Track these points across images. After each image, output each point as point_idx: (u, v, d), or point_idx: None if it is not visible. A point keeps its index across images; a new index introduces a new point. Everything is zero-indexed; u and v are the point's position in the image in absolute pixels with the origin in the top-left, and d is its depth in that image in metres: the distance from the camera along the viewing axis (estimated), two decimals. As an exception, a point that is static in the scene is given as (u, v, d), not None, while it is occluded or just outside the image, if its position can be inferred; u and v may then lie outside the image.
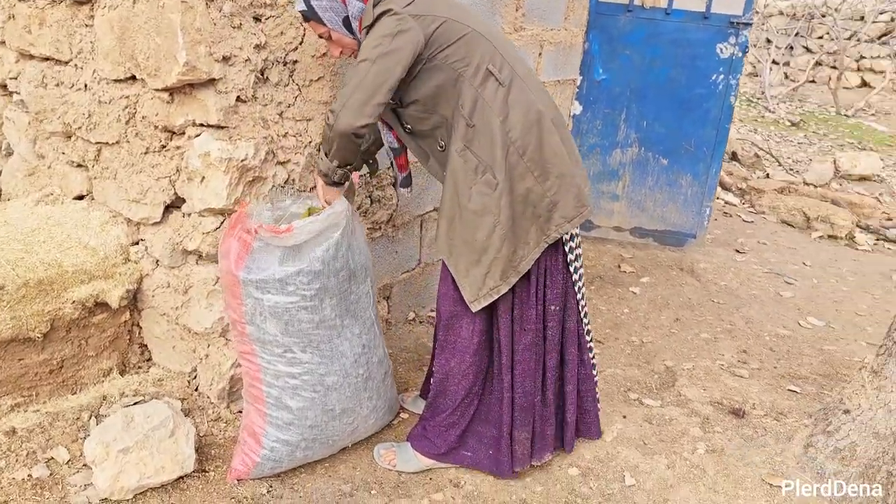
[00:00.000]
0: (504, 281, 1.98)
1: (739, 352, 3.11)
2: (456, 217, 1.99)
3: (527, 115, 1.94)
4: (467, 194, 1.94)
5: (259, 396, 2.08)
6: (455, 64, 1.90)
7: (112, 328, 2.47)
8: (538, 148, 1.94)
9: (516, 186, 1.93)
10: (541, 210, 1.97)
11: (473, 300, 2.00)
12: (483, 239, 1.95)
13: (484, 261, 1.96)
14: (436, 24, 1.88)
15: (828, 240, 5.02)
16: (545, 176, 1.96)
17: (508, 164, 1.92)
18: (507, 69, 1.95)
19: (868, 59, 11.63)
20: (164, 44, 2.04)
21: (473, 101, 1.91)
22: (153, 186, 2.32)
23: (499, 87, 1.92)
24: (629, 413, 2.53)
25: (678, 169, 4.16)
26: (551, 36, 3.46)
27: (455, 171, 1.96)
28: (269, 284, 1.96)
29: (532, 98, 1.97)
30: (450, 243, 2.02)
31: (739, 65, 3.94)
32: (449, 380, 2.15)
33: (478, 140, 1.93)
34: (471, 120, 1.92)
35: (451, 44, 1.89)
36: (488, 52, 1.93)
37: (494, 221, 1.93)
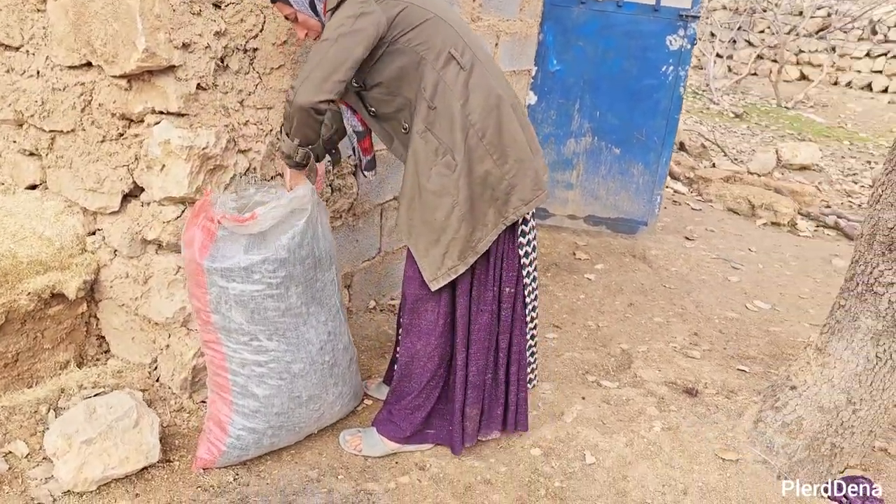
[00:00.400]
0: (462, 261, 2.03)
1: (691, 334, 3.22)
2: (416, 198, 2.02)
3: (487, 99, 1.98)
4: (427, 175, 1.98)
5: (224, 385, 2.08)
6: (417, 47, 1.94)
7: (69, 320, 2.42)
8: (497, 132, 1.99)
9: (475, 168, 1.98)
10: (499, 193, 2.02)
11: (432, 279, 2.04)
12: (442, 219, 1.99)
13: (443, 240, 2.00)
14: (398, 7, 1.92)
15: (771, 226, 5.21)
16: (504, 159, 2.01)
17: (468, 146, 1.96)
18: (469, 54, 1.99)
19: (807, 52, 12.01)
20: (123, 30, 2.01)
21: (435, 84, 1.95)
22: (111, 175, 2.29)
23: (460, 71, 1.96)
24: (588, 395, 2.61)
25: (630, 158, 4.27)
26: (507, 26, 3.51)
27: (416, 153, 2.00)
28: (234, 273, 1.96)
29: (492, 83, 2.02)
30: (409, 224, 2.06)
31: (688, 57, 4.05)
32: (414, 363, 2.18)
33: (439, 122, 1.97)
34: (432, 102, 1.96)
35: (413, 27, 1.93)
36: (450, 36, 1.97)
37: (453, 202, 1.97)
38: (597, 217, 4.41)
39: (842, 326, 2.23)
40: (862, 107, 10.90)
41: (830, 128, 9.90)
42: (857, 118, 10.48)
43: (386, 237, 3.17)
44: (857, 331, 2.19)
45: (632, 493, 2.14)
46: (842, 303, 2.25)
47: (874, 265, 2.13)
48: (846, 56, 11.71)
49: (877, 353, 2.16)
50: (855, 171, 7.70)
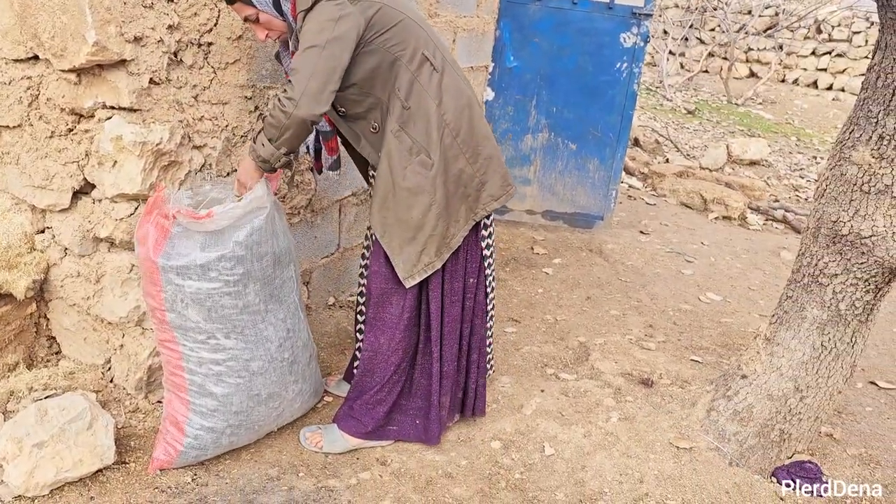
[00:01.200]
0: (438, 257, 2.08)
1: (646, 326, 3.29)
2: (389, 196, 2.04)
3: (458, 99, 2.05)
4: (402, 174, 2.01)
5: (181, 384, 2.05)
6: (392, 48, 1.97)
7: (17, 320, 2.36)
8: (469, 130, 2.07)
9: (450, 167, 2.04)
10: (471, 190, 2.10)
11: (407, 276, 2.07)
12: (418, 217, 2.03)
13: (419, 238, 2.04)
14: (373, 9, 1.93)
15: (723, 220, 5.34)
16: (475, 157, 2.09)
17: (443, 145, 2.02)
18: (440, 56, 2.05)
19: (755, 51, 12.32)
20: (71, 22, 1.96)
21: (410, 84, 1.99)
22: (60, 172, 2.23)
23: (433, 72, 2.01)
24: (546, 387, 2.64)
25: (586, 154, 4.32)
26: (465, 23, 3.52)
27: (390, 152, 2.03)
28: (190, 270, 1.93)
29: (462, 84, 2.10)
30: (383, 221, 2.07)
31: (641, 54, 4.12)
32: (378, 357, 2.19)
33: (413, 122, 2.01)
34: (406, 102, 2.00)
35: (388, 28, 1.96)
36: (423, 38, 2.02)
37: (430, 200, 2.02)
38: (554, 212, 4.46)
39: (789, 317, 2.30)
40: (808, 104, 11.23)
41: (778, 124, 10.17)
42: (804, 115, 10.79)
43: (345, 233, 3.16)
44: (803, 321, 2.26)
45: (590, 482, 2.18)
46: (789, 294, 2.32)
47: (819, 257, 2.20)
48: (793, 54, 12.05)
49: (822, 342, 2.23)
50: (802, 166, 7.93)
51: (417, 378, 2.25)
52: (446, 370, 2.23)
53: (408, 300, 2.13)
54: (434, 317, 2.16)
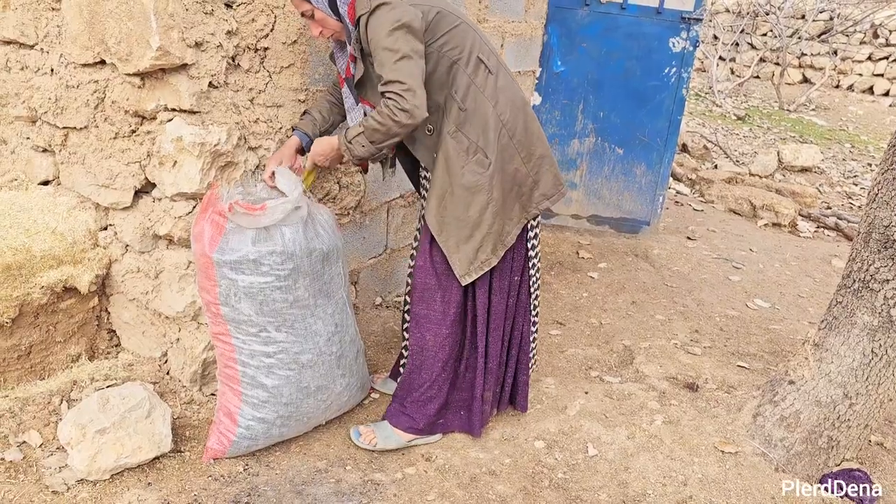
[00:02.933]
0: (494, 254, 2.13)
1: (692, 331, 3.26)
2: (447, 194, 2.08)
3: (514, 100, 2.11)
4: (459, 173, 2.06)
5: (234, 376, 2.12)
6: (450, 52, 2.03)
7: (80, 314, 2.47)
8: (524, 131, 2.12)
9: (506, 166, 2.09)
10: (525, 189, 2.14)
11: (464, 273, 2.11)
12: (476, 215, 2.07)
13: (476, 236, 2.08)
14: (432, 13, 2.00)
15: (772, 227, 5.25)
16: (529, 157, 2.14)
17: (500, 145, 2.07)
18: (494, 58, 2.11)
19: (809, 56, 12.06)
20: (136, 28, 2.06)
21: (467, 87, 2.05)
22: (123, 171, 2.33)
23: (489, 75, 2.07)
24: (590, 389, 2.65)
25: (633, 158, 4.31)
26: (513, 28, 3.55)
27: (447, 152, 2.07)
28: (243, 265, 2.00)
29: (516, 86, 2.15)
30: (440, 220, 2.11)
31: (691, 59, 4.09)
32: (425, 353, 2.23)
33: (469, 123, 2.05)
34: (463, 104, 2.05)
35: (445, 32, 2.02)
36: (477, 41, 2.08)
37: (488, 199, 2.07)
38: (600, 217, 4.45)
39: (839, 322, 2.27)
40: (863, 110, 10.94)
41: (832, 130, 9.94)
42: (859, 121, 10.51)
43: (392, 235, 3.22)
44: (853, 326, 2.23)
45: (633, 484, 2.18)
46: (839, 299, 2.29)
47: (870, 262, 2.17)
48: (848, 59, 11.75)
49: (873, 349, 2.19)
50: (855, 173, 7.73)
51: (462, 372, 2.29)
52: (490, 366, 2.27)
53: (453, 295, 2.17)
54: (480, 313, 2.20)
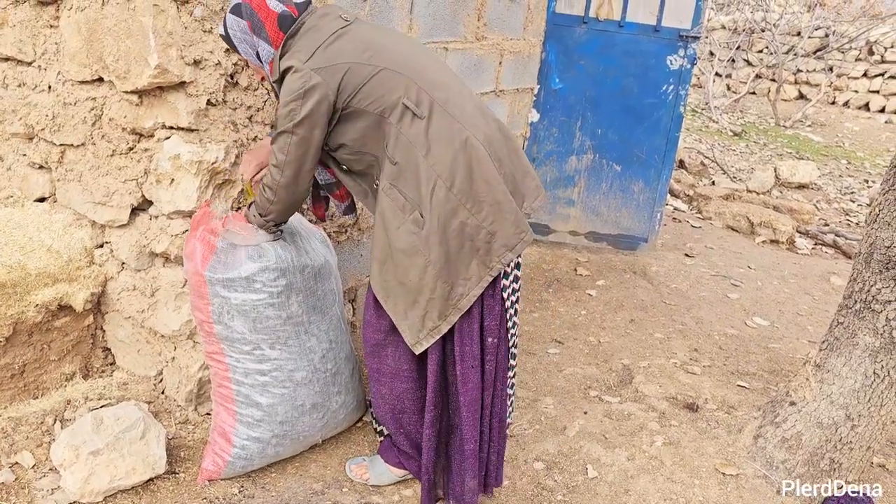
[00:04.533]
0: (444, 320, 1.89)
1: (691, 350, 3.25)
2: (388, 258, 1.91)
3: (450, 144, 1.84)
4: (396, 235, 1.87)
5: (228, 395, 2.10)
6: (370, 106, 1.84)
7: (75, 332, 2.45)
8: (467, 177, 1.84)
9: (449, 222, 1.83)
10: (479, 243, 1.86)
11: (415, 342, 1.91)
12: (416, 280, 1.86)
13: (420, 301, 1.87)
14: (340, 72, 1.81)
15: (770, 244, 5.25)
16: (478, 206, 1.85)
17: (436, 199, 1.82)
18: (426, 99, 1.85)
19: (804, 72, 12.12)
20: (135, 46, 2.05)
21: (395, 138, 1.85)
22: (120, 189, 2.32)
23: (417, 121, 1.84)
24: (590, 409, 2.62)
25: (631, 175, 4.31)
26: (511, 45, 3.56)
27: (383, 212, 1.89)
28: (235, 283, 1.99)
29: (456, 125, 1.86)
30: (385, 286, 1.93)
31: (688, 76, 4.10)
32: (386, 405, 2.10)
33: (403, 177, 1.86)
34: (394, 158, 1.86)
35: (360, 88, 1.83)
36: (402, 85, 1.84)
37: (426, 261, 1.85)
38: (598, 233, 4.45)
39: (840, 343, 2.25)
40: (859, 126, 10.99)
41: (828, 147, 9.97)
42: (855, 137, 10.56)
43: (389, 252, 3.20)
44: (855, 347, 2.21)
45: (633, 507, 2.16)
46: (840, 320, 2.28)
47: (871, 283, 2.16)
48: (844, 76, 11.82)
49: (874, 370, 2.18)
50: (852, 189, 7.75)
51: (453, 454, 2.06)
52: (470, 449, 2.00)
53: (401, 351, 2.00)
54: (456, 388, 1.98)
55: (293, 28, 1.86)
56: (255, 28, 1.85)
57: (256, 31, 1.85)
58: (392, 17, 2.73)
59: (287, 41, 1.86)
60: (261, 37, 1.86)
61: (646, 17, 4.03)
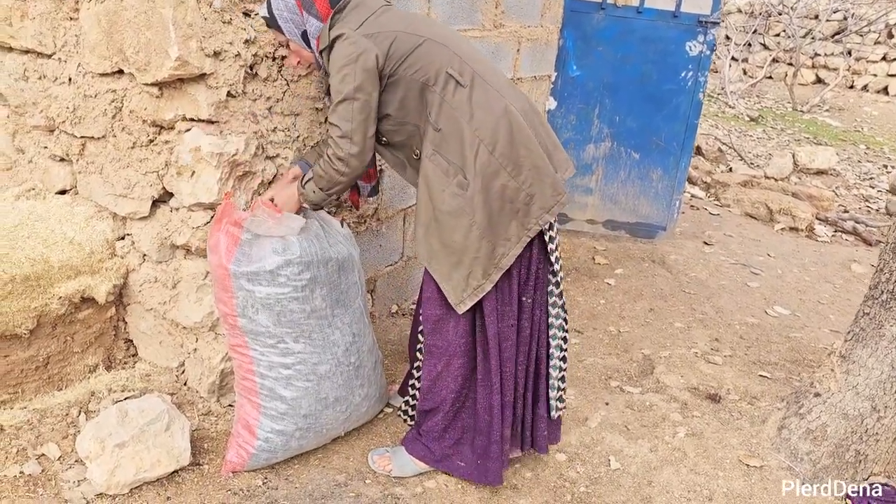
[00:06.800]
0: (487, 279, 1.99)
1: (712, 340, 3.22)
2: (431, 222, 2.01)
3: (492, 111, 1.96)
4: (440, 198, 1.97)
5: (252, 388, 2.10)
6: (416, 75, 1.95)
7: (98, 324, 2.46)
8: (508, 142, 1.95)
9: (491, 184, 1.95)
10: (518, 204, 1.98)
11: (458, 302, 2.00)
12: (461, 240, 1.96)
13: (464, 261, 1.97)
14: (388, 40, 1.93)
15: (790, 232, 5.19)
16: (518, 170, 1.96)
17: (479, 162, 1.94)
18: (468, 70, 1.98)
19: (822, 56, 11.96)
20: (155, 38, 2.04)
21: (439, 105, 1.96)
22: (141, 181, 2.32)
23: (461, 89, 1.96)
24: (611, 400, 2.61)
25: (649, 163, 4.27)
26: (529, 33, 3.52)
27: (427, 176, 1.99)
28: (260, 276, 1.98)
29: (495, 94, 1.99)
30: (429, 249, 2.03)
31: (707, 62, 4.05)
32: (438, 384, 2.14)
33: (446, 143, 1.97)
34: (437, 125, 1.96)
35: (407, 56, 1.94)
36: (446, 56, 1.97)
37: (470, 222, 1.95)
38: (616, 222, 4.42)
39: (866, 334, 2.23)
40: (878, 111, 10.84)
41: (846, 132, 9.85)
42: (874, 122, 10.42)
43: (409, 242, 3.19)
44: (881, 338, 2.18)
45: (657, 498, 2.15)
46: (866, 310, 2.25)
47: (901, 273, 2.13)
48: (862, 60, 11.65)
49: (903, 361, 2.15)
50: (871, 175, 7.66)
51: (481, 414, 2.13)
52: (507, 400, 2.10)
53: (462, 325, 2.06)
54: (492, 346, 2.05)
55: (340, 4, 1.98)
56: (305, 5, 1.98)
57: (307, 7, 1.98)
58: (410, 4, 2.71)
59: (334, 16, 1.97)
60: (311, 13, 1.98)
61: (665, 3, 3.98)
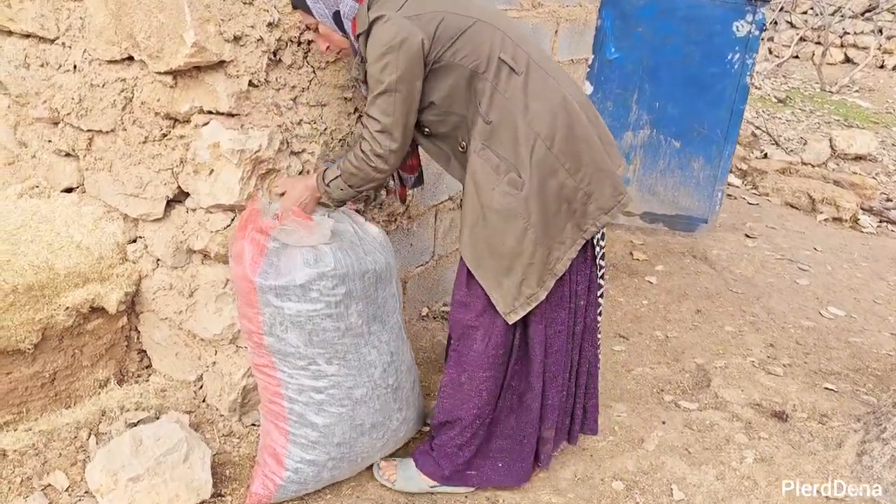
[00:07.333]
0: (541, 287, 1.81)
1: (767, 346, 2.99)
2: (479, 223, 1.80)
3: (550, 102, 1.76)
4: (490, 196, 1.76)
5: (280, 413, 1.89)
6: (464, 60, 1.74)
7: (108, 335, 2.26)
8: (567, 137, 1.76)
9: (547, 183, 1.75)
10: (576, 205, 1.80)
11: (509, 311, 1.81)
12: (513, 245, 1.77)
13: (517, 268, 1.78)
14: (435, 21, 1.71)
15: (832, 222, 4.93)
16: (577, 167, 1.78)
17: (535, 159, 1.74)
18: (522, 55, 1.77)
19: (851, 34, 11.55)
20: (169, 22, 1.81)
21: (490, 95, 1.75)
22: (153, 179, 2.10)
23: (514, 76, 1.75)
24: (668, 418, 2.39)
25: (690, 152, 4.01)
26: (567, 13, 3.27)
27: (475, 173, 1.79)
28: (289, 291, 1.76)
29: (553, 83, 1.79)
30: (475, 253, 1.82)
31: (756, 43, 3.78)
32: (458, 396, 1.95)
33: (498, 137, 1.76)
34: (488, 116, 1.76)
35: (455, 39, 1.73)
36: (498, 40, 1.76)
37: (525, 225, 1.76)
38: (654, 214, 4.17)
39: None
40: (911, 91, 10.47)
41: (877, 114, 9.49)
42: (906, 103, 10.06)
43: (440, 240, 2.97)
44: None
45: (728, 535, 1.94)
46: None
47: None
48: (894, 38, 11.24)
49: None
50: (910, 160, 7.34)
51: (503, 418, 1.99)
52: (550, 403, 1.97)
53: (494, 336, 1.87)
54: (537, 351, 1.90)
55: None
56: None
57: None
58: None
59: None
60: None
61: (711, -21, 3.70)
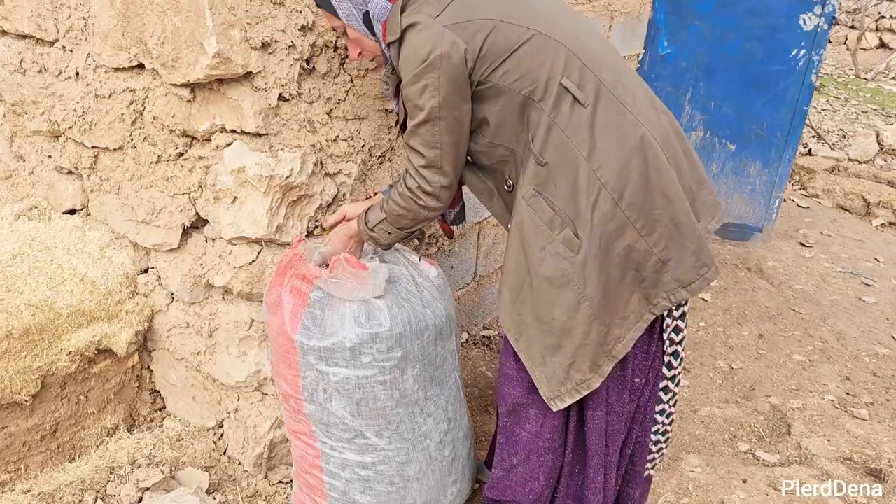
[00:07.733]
0: (595, 372, 1.49)
1: (843, 379, 2.70)
2: (524, 286, 1.49)
3: (622, 142, 1.41)
4: (539, 257, 1.45)
5: (318, 487, 1.63)
6: (516, 84, 1.42)
7: (117, 377, 2.00)
8: (641, 188, 1.41)
9: (612, 246, 1.42)
10: (647, 272, 1.45)
11: (553, 397, 1.51)
12: (563, 319, 1.46)
13: (566, 347, 1.47)
14: (482, 33, 1.39)
15: (889, 227, 4.60)
16: (652, 226, 1.43)
17: (598, 215, 1.41)
18: (591, 80, 1.42)
19: (888, 18, 11.10)
20: (186, 26, 1.52)
21: (546, 129, 1.42)
22: (168, 205, 1.83)
23: (579, 109, 1.41)
24: (748, 475, 2.11)
25: (747, 155, 3.70)
26: (622, 5, 2.95)
27: (522, 224, 1.47)
28: (336, 354, 1.48)
29: (629, 118, 1.43)
30: (517, 320, 1.52)
31: (824, 38, 3.44)
32: (510, 477, 1.67)
33: (553, 183, 1.44)
34: (542, 156, 1.43)
35: (507, 57, 1.41)
36: (561, 59, 1.41)
37: (579, 296, 1.44)
38: (704, 222, 3.86)
39: None
40: (950, 79, 10.04)
41: (917, 103, 9.09)
42: (945, 92, 9.63)
43: (482, 259, 2.68)
44: None
45: None
46: None
47: None
48: (933, 23, 10.80)
49: None
50: (957, 155, 6.96)
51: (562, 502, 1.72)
52: (609, 494, 1.68)
53: (550, 419, 1.59)
54: (594, 440, 1.60)
55: None
56: None
57: None
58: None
59: None
60: None
61: (777, -33, 3.36)
